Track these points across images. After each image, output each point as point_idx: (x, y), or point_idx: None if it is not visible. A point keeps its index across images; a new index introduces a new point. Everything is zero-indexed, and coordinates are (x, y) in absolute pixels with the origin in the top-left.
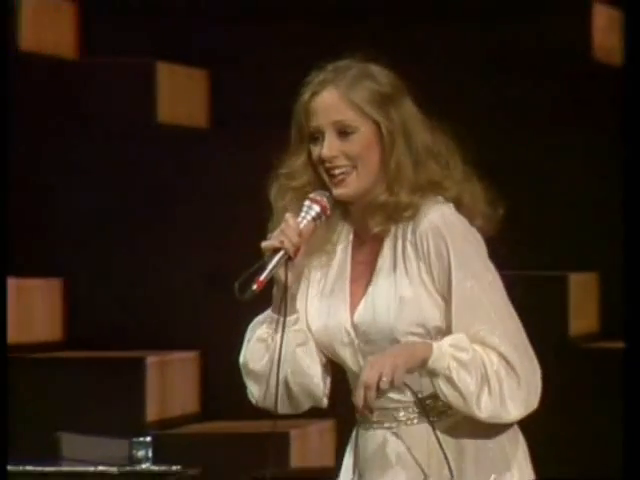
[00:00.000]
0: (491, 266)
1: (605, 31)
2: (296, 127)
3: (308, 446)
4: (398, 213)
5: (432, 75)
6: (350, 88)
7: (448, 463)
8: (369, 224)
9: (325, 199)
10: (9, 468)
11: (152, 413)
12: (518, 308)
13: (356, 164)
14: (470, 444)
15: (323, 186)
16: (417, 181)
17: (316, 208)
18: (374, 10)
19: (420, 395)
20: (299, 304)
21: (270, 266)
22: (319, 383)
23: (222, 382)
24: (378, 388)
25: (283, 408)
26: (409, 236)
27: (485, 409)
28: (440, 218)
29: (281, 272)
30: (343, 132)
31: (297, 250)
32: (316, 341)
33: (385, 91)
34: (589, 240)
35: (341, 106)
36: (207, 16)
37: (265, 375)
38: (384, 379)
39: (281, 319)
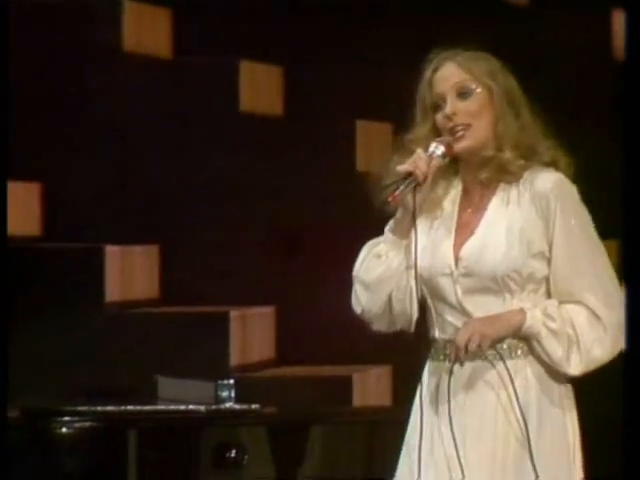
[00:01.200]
0: (594, 232)
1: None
2: (421, 100)
3: (367, 388)
4: (503, 167)
5: None
6: (466, 61)
7: (517, 397)
8: (479, 177)
9: (447, 144)
10: (111, 409)
11: (234, 359)
12: None
13: (472, 122)
14: (535, 385)
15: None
16: (520, 142)
17: (441, 148)
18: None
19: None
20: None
21: (402, 186)
22: (415, 307)
23: (294, 333)
24: (467, 350)
25: (381, 322)
26: (523, 191)
27: (575, 367)
28: (559, 181)
29: (409, 198)
30: (462, 93)
31: (425, 178)
32: (420, 274)
33: (495, 66)
34: None
35: (460, 73)
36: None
37: (375, 286)
38: (472, 344)
39: (400, 241)
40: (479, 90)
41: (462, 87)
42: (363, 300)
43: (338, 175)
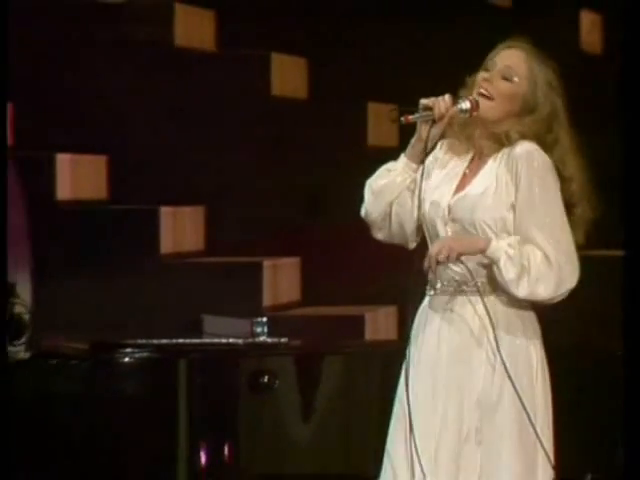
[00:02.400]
0: (556, 196)
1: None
2: (483, 64)
3: (377, 325)
4: (503, 144)
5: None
6: (529, 58)
7: (493, 325)
8: (484, 148)
9: (476, 102)
10: (165, 342)
11: (267, 301)
12: None
13: (496, 98)
14: (504, 317)
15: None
16: (529, 131)
17: (467, 103)
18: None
19: (475, 275)
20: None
21: (418, 115)
22: (413, 228)
23: (315, 279)
24: (437, 260)
25: (381, 231)
26: (505, 158)
27: (522, 290)
28: (533, 150)
29: (423, 128)
30: (505, 76)
31: (440, 118)
32: (424, 214)
33: (550, 77)
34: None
35: (517, 62)
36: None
37: (378, 193)
38: (441, 255)
39: (411, 164)
40: (516, 81)
41: (509, 72)
42: (367, 204)
43: (352, 147)
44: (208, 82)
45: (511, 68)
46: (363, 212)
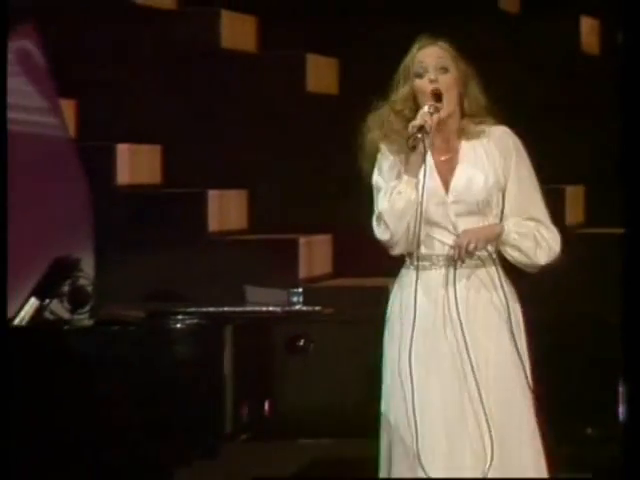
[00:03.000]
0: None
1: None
2: (405, 70)
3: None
4: (465, 131)
5: None
6: (446, 47)
7: (504, 293)
8: (451, 136)
9: (435, 106)
10: (212, 310)
11: (302, 273)
12: None
13: (445, 94)
14: (507, 285)
15: (416, 111)
16: (475, 111)
17: (432, 107)
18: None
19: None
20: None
21: (420, 135)
22: (421, 231)
23: (345, 254)
24: (467, 250)
25: (400, 247)
26: (485, 141)
27: (542, 258)
28: (512, 133)
29: (421, 145)
30: (442, 68)
31: (431, 128)
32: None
33: (457, 54)
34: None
35: (442, 53)
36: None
37: (400, 215)
38: (471, 245)
39: (413, 179)
40: (453, 70)
41: (442, 65)
42: (391, 227)
43: None
44: (250, 79)
45: (442, 60)
46: (386, 237)
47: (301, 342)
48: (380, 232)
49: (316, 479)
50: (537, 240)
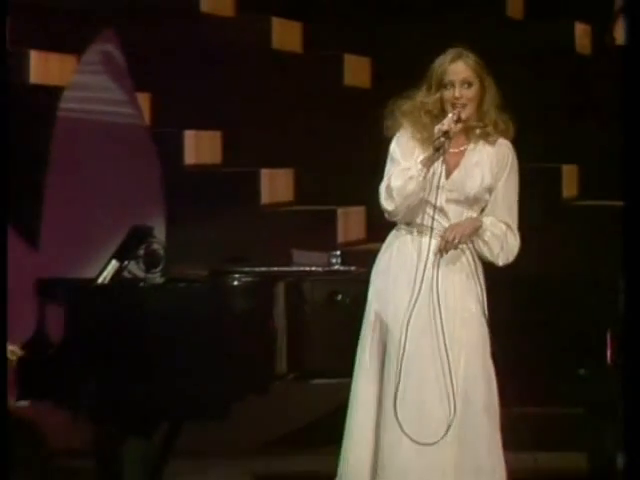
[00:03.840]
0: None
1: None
2: (436, 77)
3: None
4: (479, 131)
5: None
6: (471, 63)
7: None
8: (463, 136)
9: (459, 115)
10: (265, 269)
11: (340, 238)
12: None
13: (468, 103)
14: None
15: (442, 110)
16: (490, 118)
17: (455, 117)
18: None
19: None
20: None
21: (443, 139)
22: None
23: (377, 222)
24: (452, 243)
25: (398, 218)
26: (489, 148)
27: (500, 260)
28: (512, 148)
29: (444, 144)
30: (466, 83)
31: (453, 134)
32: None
33: (484, 69)
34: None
35: (467, 70)
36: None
37: (408, 196)
38: (456, 240)
39: (425, 170)
40: (476, 84)
41: (467, 81)
42: (397, 202)
43: None
44: (296, 75)
45: (466, 78)
46: (390, 207)
47: (339, 297)
48: (386, 202)
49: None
50: (502, 246)
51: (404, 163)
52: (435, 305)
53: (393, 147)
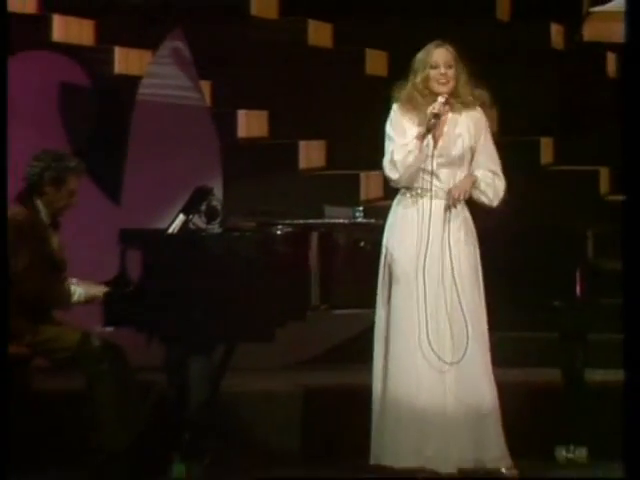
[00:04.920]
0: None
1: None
2: (423, 62)
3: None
4: (462, 101)
5: None
6: (450, 50)
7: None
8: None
9: (447, 98)
10: (301, 221)
11: (362, 196)
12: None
13: (450, 80)
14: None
15: (429, 93)
16: (467, 92)
17: (444, 99)
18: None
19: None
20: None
21: (434, 120)
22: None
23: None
24: (458, 200)
25: (399, 185)
26: (465, 116)
27: (495, 202)
28: (483, 113)
29: (432, 123)
30: (448, 66)
31: (442, 115)
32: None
33: (459, 57)
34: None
35: (448, 55)
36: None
37: (410, 167)
38: (461, 197)
39: (420, 143)
40: (454, 67)
41: (448, 63)
42: (400, 172)
43: None
44: (328, 65)
45: (448, 61)
46: (395, 177)
47: (361, 243)
48: (391, 173)
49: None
50: (494, 190)
51: (402, 140)
52: (445, 252)
53: (388, 128)
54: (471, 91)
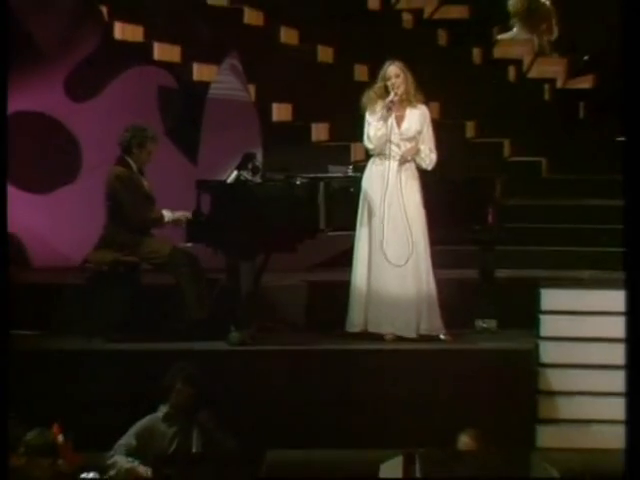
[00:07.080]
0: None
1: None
2: (382, 76)
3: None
4: (410, 102)
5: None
6: (401, 65)
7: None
8: (402, 106)
9: (395, 96)
10: (312, 175)
11: (352, 158)
12: None
13: (401, 85)
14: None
15: (386, 94)
16: (413, 95)
17: (396, 96)
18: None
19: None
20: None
21: (391, 106)
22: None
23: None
24: (406, 158)
25: (373, 152)
26: (415, 110)
27: (429, 166)
28: (426, 108)
29: (387, 111)
30: (397, 76)
31: (395, 104)
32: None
33: (406, 68)
34: None
35: (398, 69)
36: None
37: (378, 140)
38: (409, 156)
39: (383, 123)
40: (402, 76)
41: (397, 74)
42: (374, 143)
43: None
44: (331, 76)
45: (397, 72)
46: (371, 146)
47: (351, 189)
48: (368, 144)
49: None
50: (430, 160)
51: (374, 124)
52: (399, 193)
53: (367, 118)
54: (415, 93)
